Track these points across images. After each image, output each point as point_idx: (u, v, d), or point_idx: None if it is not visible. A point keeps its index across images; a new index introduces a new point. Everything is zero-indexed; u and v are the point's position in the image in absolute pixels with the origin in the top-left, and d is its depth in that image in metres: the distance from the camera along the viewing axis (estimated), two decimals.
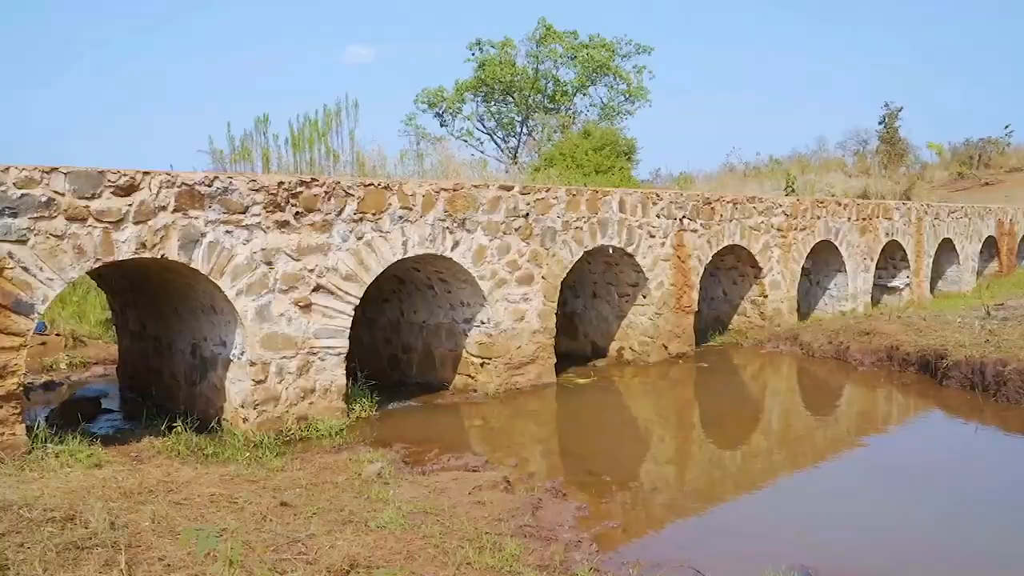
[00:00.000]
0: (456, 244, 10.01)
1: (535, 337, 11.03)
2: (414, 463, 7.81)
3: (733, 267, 15.36)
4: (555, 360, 11.41)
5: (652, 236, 12.66)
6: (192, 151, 50.88)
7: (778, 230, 15.17)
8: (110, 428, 9.37)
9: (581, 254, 11.64)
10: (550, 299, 11.15)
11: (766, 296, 15.17)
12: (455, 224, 9.98)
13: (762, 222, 14.78)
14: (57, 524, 5.60)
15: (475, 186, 10.30)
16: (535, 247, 10.93)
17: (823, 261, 17.15)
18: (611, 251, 12.30)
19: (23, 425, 7.46)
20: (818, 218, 16.14)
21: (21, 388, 7.42)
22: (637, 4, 71.00)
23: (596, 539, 6.13)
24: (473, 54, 36.22)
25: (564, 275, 11.38)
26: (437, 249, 9.82)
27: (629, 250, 12.36)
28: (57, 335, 13.65)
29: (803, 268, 16.10)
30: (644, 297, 12.89)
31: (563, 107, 35.55)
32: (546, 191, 11.12)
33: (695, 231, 13.43)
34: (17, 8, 69.88)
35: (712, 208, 13.75)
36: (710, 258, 13.81)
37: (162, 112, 68.99)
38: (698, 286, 13.61)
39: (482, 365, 10.73)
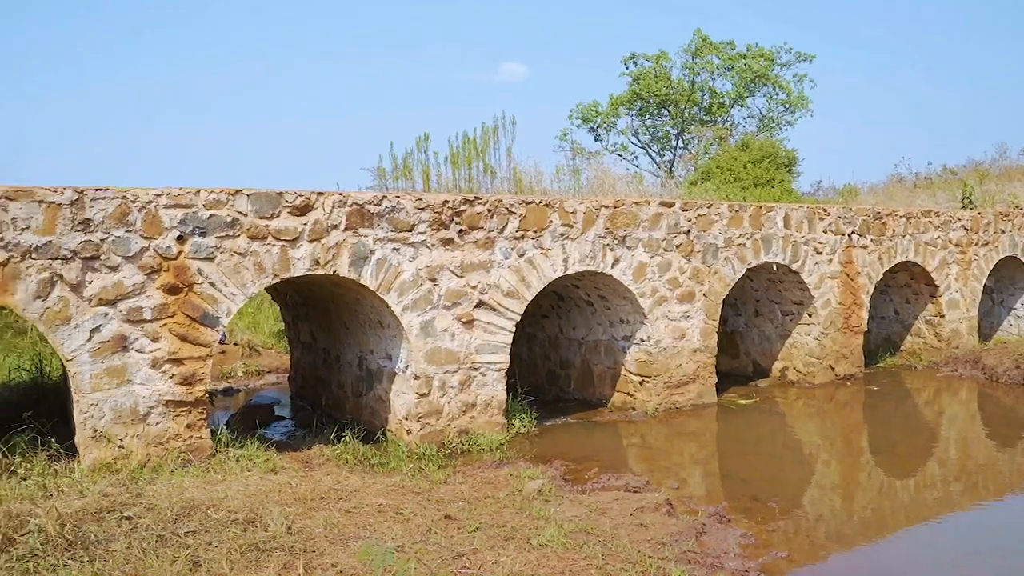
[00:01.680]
0: (616, 261, 9.95)
1: (696, 356, 10.80)
2: (574, 481, 7.78)
3: (906, 285, 14.55)
4: (716, 379, 11.14)
5: (819, 252, 12.17)
6: (355, 169, 53.05)
7: (956, 245, 14.25)
8: (283, 434, 9.85)
9: (744, 271, 11.32)
10: (711, 317, 10.90)
11: (943, 316, 14.27)
12: (616, 241, 9.93)
13: (938, 237, 13.93)
14: (240, 526, 5.92)
15: (636, 203, 10.21)
16: (696, 264, 10.72)
17: (1008, 279, 15.98)
18: (775, 268, 11.91)
19: (208, 429, 7.95)
20: (1002, 232, 15.05)
21: (207, 395, 7.92)
22: (797, 11, 68.81)
23: (763, 569, 5.90)
24: (627, 68, 36.11)
25: (726, 292, 11.10)
26: (597, 266, 9.80)
27: (794, 267, 11.92)
28: (235, 344, 14.51)
29: (984, 286, 15.05)
30: (810, 316, 12.39)
31: (720, 119, 34.86)
32: (708, 207, 10.89)
33: (865, 247, 12.81)
34: (191, 35, 75.12)
35: (883, 223, 13.09)
36: (881, 275, 13.13)
37: (327, 131, 72.38)
38: (867, 305, 12.96)
39: (641, 383, 10.60)
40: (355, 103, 74.05)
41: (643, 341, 10.51)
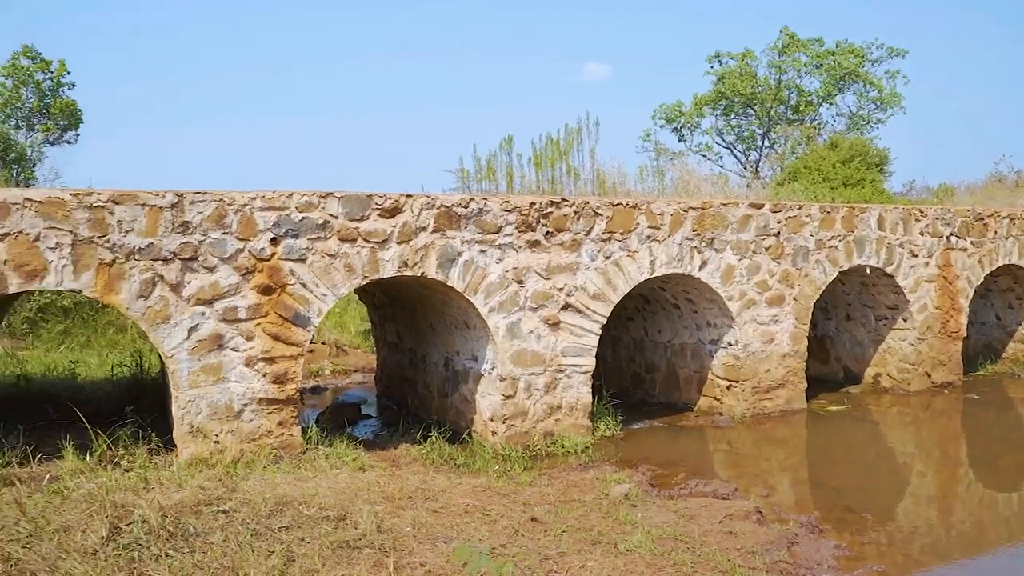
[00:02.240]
0: (704, 264, 9.81)
1: (785, 360, 10.56)
2: (660, 486, 7.70)
3: (1009, 289, 13.96)
4: (805, 385, 10.87)
5: (915, 255, 11.77)
6: (438, 171, 53.56)
7: None
8: (370, 433, 10.00)
9: (835, 274, 11.02)
10: (802, 321, 10.65)
11: None
12: (703, 243, 9.78)
13: None
14: (331, 523, 6.03)
15: (724, 204, 10.05)
16: (786, 267, 10.48)
17: None
18: (868, 271, 11.56)
19: (299, 427, 8.12)
20: None
21: (298, 393, 8.09)
22: (889, 5, 66.72)
23: None
24: (712, 67, 35.57)
25: (817, 296, 10.83)
26: (684, 269, 9.67)
27: (888, 270, 11.55)
28: (322, 344, 14.81)
29: None
30: (905, 321, 12.00)
31: (807, 118, 34.02)
32: (798, 208, 10.64)
33: (964, 250, 12.33)
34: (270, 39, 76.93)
35: (985, 224, 12.58)
36: (981, 279, 12.62)
37: (409, 132, 73.34)
38: (967, 310, 12.47)
39: (728, 388, 10.43)
40: (438, 104, 74.87)
41: (731, 345, 10.33)
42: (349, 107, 76.57)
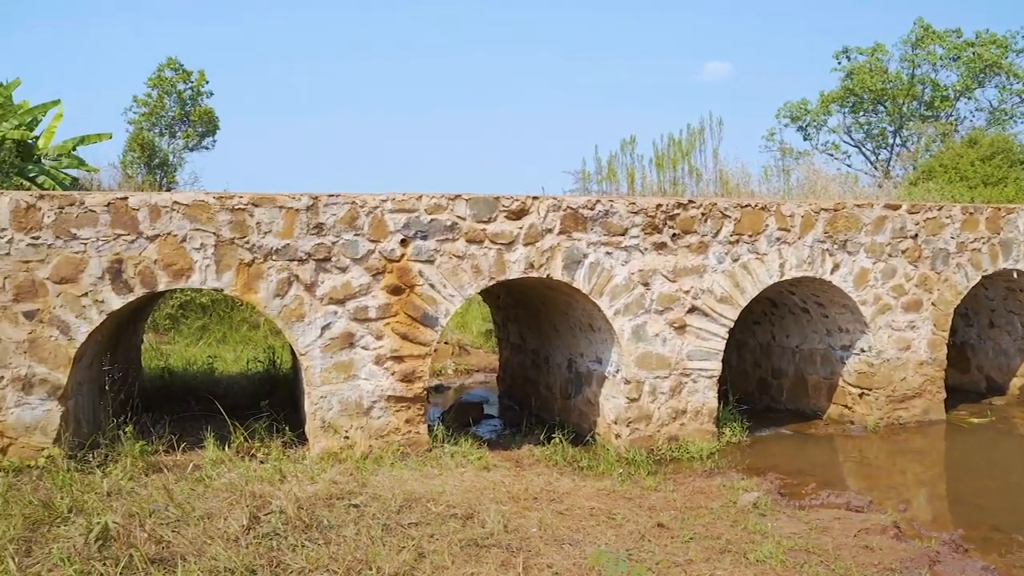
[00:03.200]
0: (836, 267, 9.47)
1: (922, 368, 10.08)
2: (790, 496, 7.47)
3: None
4: (944, 395, 10.35)
5: None
6: (557, 172, 53.72)
7: None
8: (492, 433, 10.08)
9: (978, 279, 10.45)
10: (940, 327, 10.14)
11: None
12: (835, 246, 9.45)
13: None
14: (458, 520, 6.11)
15: (858, 205, 9.67)
16: (924, 271, 10.01)
17: None
18: (1015, 276, 10.91)
19: (425, 425, 8.27)
20: None
21: (425, 392, 8.24)
22: None
23: None
24: (840, 63, 34.31)
25: (957, 301, 10.29)
26: (815, 272, 9.37)
27: None
28: (445, 343, 15.05)
29: None
30: None
31: (943, 114, 32.42)
32: (938, 209, 10.14)
33: None
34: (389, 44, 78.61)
35: None
36: None
37: (529, 134, 73.69)
38: None
39: (860, 396, 10.03)
40: (558, 105, 74.95)
41: (863, 351, 9.93)
42: (471, 105, 77.53)
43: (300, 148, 68.84)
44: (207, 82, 24.46)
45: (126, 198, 7.50)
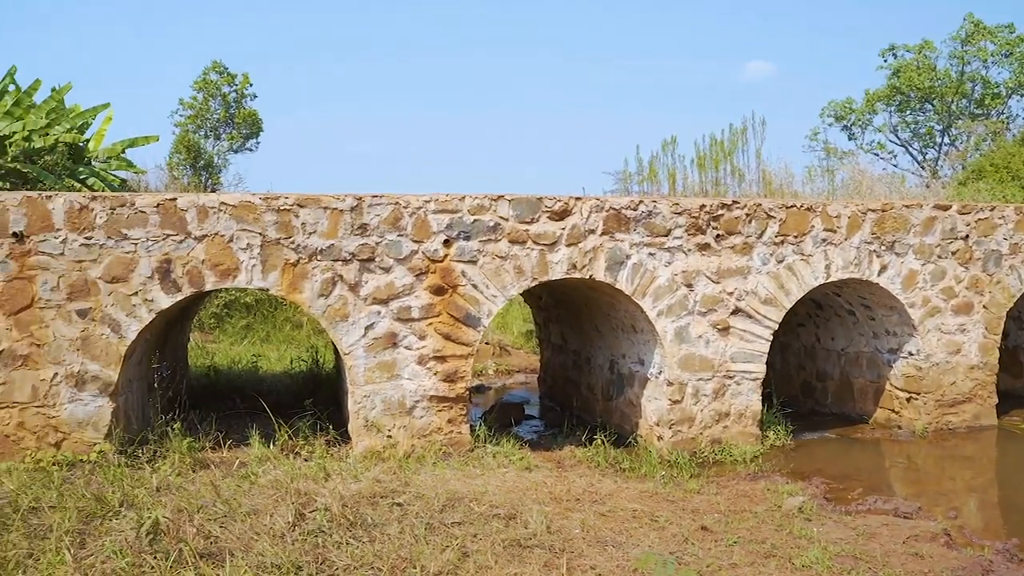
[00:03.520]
0: (883, 268, 9.33)
1: (973, 373, 9.89)
2: (836, 501, 7.37)
3: None
4: (996, 400, 10.14)
5: None
6: (597, 173, 53.60)
7: None
8: (534, 433, 10.09)
9: None
10: (992, 331, 9.94)
11: None
12: (883, 247, 9.30)
13: None
14: (501, 521, 6.12)
15: (907, 206, 9.51)
16: (975, 273, 9.81)
17: None
18: None
19: (467, 425, 8.30)
20: None
21: (467, 392, 8.27)
22: None
23: None
24: (886, 61, 33.77)
25: (1010, 304, 10.08)
26: (862, 273, 9.23)
27: None
28: (486, 343, 15.08)
29: None
30: None
31: (994, 111, 31.74)
32: (990, 210, 9.94)
33: None
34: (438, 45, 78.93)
35: None
36: None
37: (568, 134, 73.57)
38: None
39: (908, 400, 9.87)
40: (598, 106, 74.74)
41: (912, 355, 9.77)
42: (511, 105, 77.58)
43: (341, 149, 69.48)
44: (251, 85, 24.79)
45: (175, 199, 7.63)
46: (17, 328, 7.39)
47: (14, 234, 7.37)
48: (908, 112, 33.85)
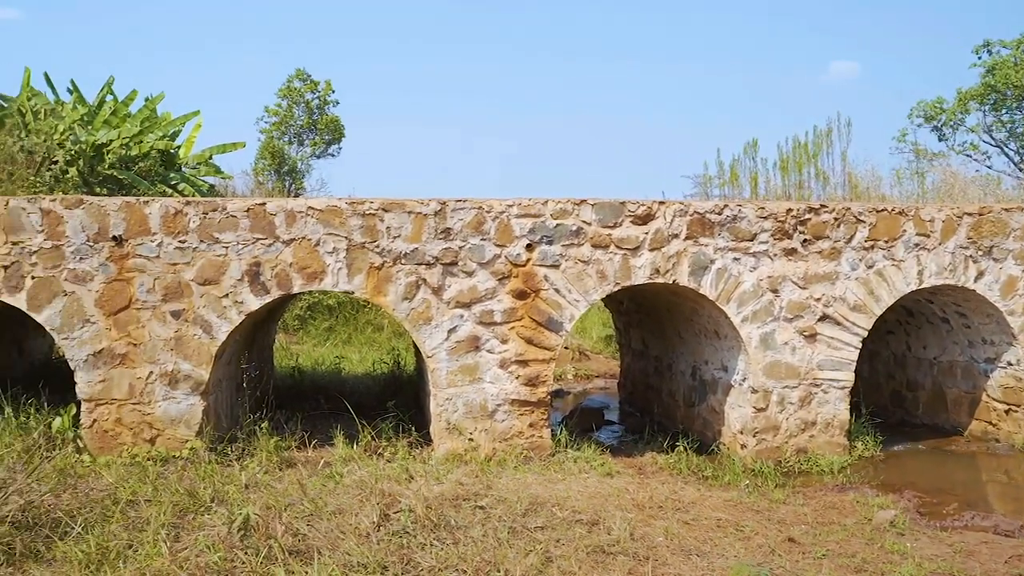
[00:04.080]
0: (980, 274, 8.98)
1: None
2: (929, 515, 7.11)
3: None
4: None
5: None
6: (675, 176, 52.96)
7: None
8: (613, 439, 10.02)
9: None
10: None
11: None
12: (980, 252, 8.96)
13: None
14: (584, 526, 6.09)
15: (1006, 209, 9.14)
16: None
17: None
18: None
19: (549, 429, 8.29)
20: None
21: (548, 396, 8.26)
22: None
23: None
24: (980, 58, 32.54)
25: None
26: (957, 280, 8.90)
27: None
28: (565, 348, 15.05)
29: None
30: None
31: None
32: None
33: None
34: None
35: None
36: None
37: (647, 137, 73.01)
38: None
39: (1007, 412, 9.47)
40: (676, 110, 74.03)
41: (1011, 365, 9.38)
42: (588, 108, 77.40)
43: (420, 153, 70.32)
44: (333, 91, 25.32)
45: (264, 204, 7.82)
46: (116, 328, 7.68)
47: (114, 238, 7.66)
48: (1004, 111, 32.53)
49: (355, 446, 7.96)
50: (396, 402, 9.28)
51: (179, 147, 16.35)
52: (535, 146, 75.91)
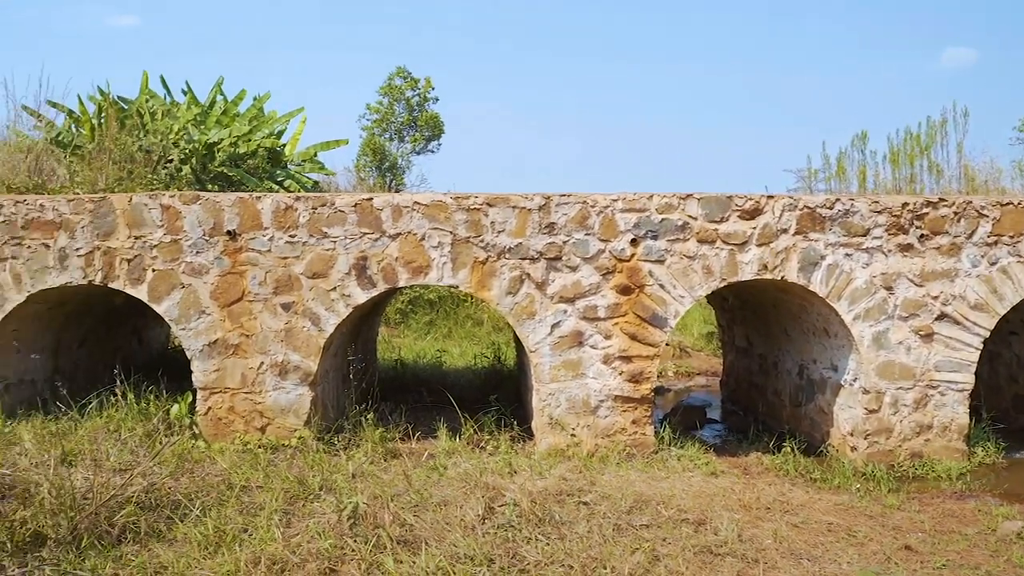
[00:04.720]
0: None
1: None
2: None
3: None
4: None
5: None
6: (777, 171, 51.62)
7: None
8: (716, 438, 9.83)
9: None
10: None
11: None
12: None
13: None
14: (690, 526, 6.00)
15: None
16: None
17: None
18: None
19: (651, 426, 8.19)
20: None
21: (652, 393, 8.16)
22: None
23: None
24: None
25: None
26: None
27: None
28: (666, 345, 14.86)
29: None
30: None
31: None
32: None
33: None
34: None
35: None
36: None
37: (750, 131, 71.45)
38: None
39: None
40: (780, 103, 72.25)
41: None
42: (694, 101, 76.26)
43: (520, 149, 70.56)
44: (432, 88, 25.59)
45: (371, 199, 7.96)
46: (230, 319, 7.94)
47: (228, 232, 7.92)
48: None
49: (458, 439, 8.04)
50: (497, 396, 9.32)
51: (285, 145, 16.78)
52: (638, 141, 75.24)
